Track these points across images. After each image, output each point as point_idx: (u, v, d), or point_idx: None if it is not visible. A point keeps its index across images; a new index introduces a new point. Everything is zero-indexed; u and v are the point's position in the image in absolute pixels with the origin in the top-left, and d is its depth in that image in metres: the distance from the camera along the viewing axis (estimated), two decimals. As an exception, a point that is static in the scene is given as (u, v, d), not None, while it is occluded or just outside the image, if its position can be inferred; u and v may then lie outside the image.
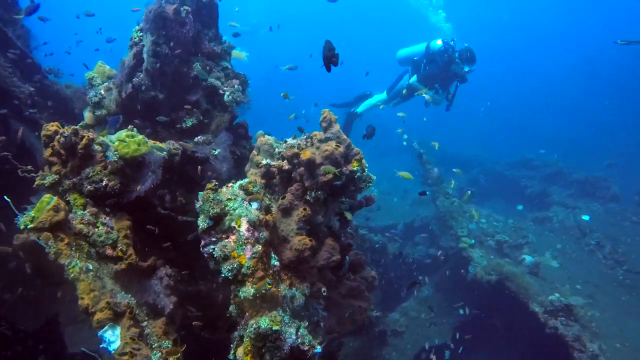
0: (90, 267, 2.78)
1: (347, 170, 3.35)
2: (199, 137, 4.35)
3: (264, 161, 3.54)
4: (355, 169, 3.38)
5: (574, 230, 10.31)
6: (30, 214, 2.74)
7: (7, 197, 2.93)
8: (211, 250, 2.77)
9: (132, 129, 3.43)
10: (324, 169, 3.18)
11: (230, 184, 3.19)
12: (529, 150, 16.14)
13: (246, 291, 2.65)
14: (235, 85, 4.48)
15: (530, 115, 32.68)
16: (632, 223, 10.75)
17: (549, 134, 25.03)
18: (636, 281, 8.26)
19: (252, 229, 2.81)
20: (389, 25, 42.20)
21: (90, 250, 2.92)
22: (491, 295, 7.28)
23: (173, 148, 3.66)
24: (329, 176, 3.19)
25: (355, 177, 3.41)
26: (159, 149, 3.46)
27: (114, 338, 2.55)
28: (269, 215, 3.11)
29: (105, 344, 2.54)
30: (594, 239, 9.72)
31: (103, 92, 4.29)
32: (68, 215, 2.89)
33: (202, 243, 2.84)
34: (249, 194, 3.17)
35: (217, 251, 2.72)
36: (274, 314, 2.68)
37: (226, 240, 2.77)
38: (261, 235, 2.84)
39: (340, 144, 3.36)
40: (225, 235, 2.80)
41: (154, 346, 2.77)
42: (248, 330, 2.61)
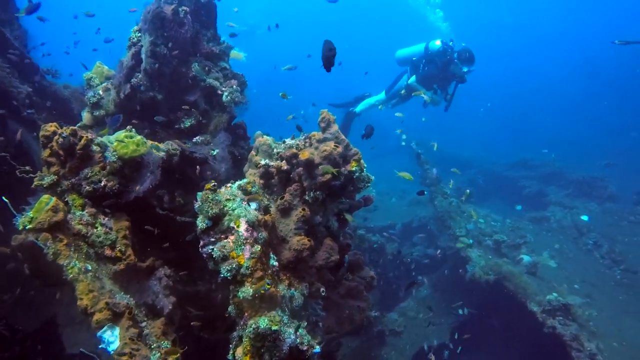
0: (89, 268, 2.78)
1: (346, 171, 3.36)
2: (197, 138, 4.35)
3: (263, 161, 3.54)
4: (353, 169, 3.38)
5: (571, 230, 10.35)
6: (29, 215, 2.73)
7: (5, 198, 2.93)
8: (210, 251, 2.77)
9: (131, 129, 3.43)
10: (322, 168, 3.19)
11: (229, 185, 3.19)
12: (529, 150, 16.19)
13: (245, 291, 2.65)
14: (233, 86, 4.48)
15: (529, 115, 32.64)
16: (630, 223, 10.79)
17: (548, 134, 25.01)
18: (633, 280, 8.29)
19: (251, 229, 2.82)
20: (386, 25, 42.23)
21: (89, 250, 2.92)
22: (489, 295, 7.29)
23: (172, 148, 3.67)
24: (327, 176, 3.19)
25: (353, 178, 3.41)
26: (157, 149, 3.46)
27: (113, 338, 2.55)
28: (267, 216, 3.11)
29: (104, 345, 2.53)
30: (592, 238, 9.76)
31: (101, 93, 4.29)
32: (67, 215, 2.88)
33: (201, 243, 2.84)
34: (247, 194, 3.17)
35: (216, 251, 2.72)
36: (273, 314, 2.68)
37: (225, 240, 2.77)
38: (260, 236, 2.84)
39: (339, 144, 3.36)
40: (224, 235, 2.80)
41: (153, 346, 2.77)
42: (247, 330, 2.61)
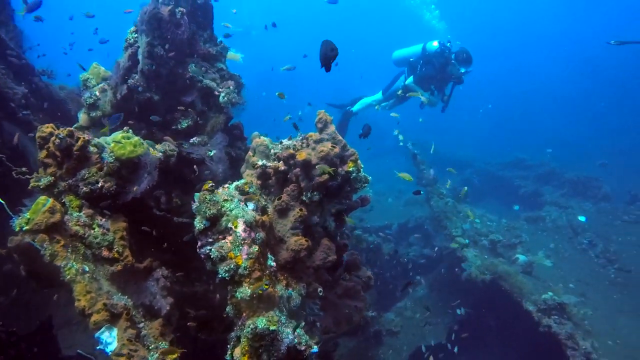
0: (87, 269, 2.78)
1: (343, 171, 3.37)
2: (194, 139, 4.35)
3: (260, 162, 3.54)
4: (350, 169, 3.39)
5: (566, 230, 10.40)
6: (26, 216, 2.73)
7: (1, 199, 2.92)
8: (208, 251, 2.77)
9: (128, 130, 3.43)
10: (320, 167, 3.20)
11: (226, 185, 3.19)
12: (529, 150, 16.23)
13: (243, 292, 2.65)
14: (230, 87, 4.48)
15: (528, 115, 32.58)
16: (623, 222, 10.85)
17: (548, 134, 25.03)
18: (627, 279, 8.34)
19: (249, 229, 2.82)
20: (383, 25, 42.16)
21: (87, 251, 2.92)
22: (485, 294, 7.32)
23: (169, 149, 3.67)
24: (324, 177, 3.20)
25: (350, 178, 3.43)
26: (153, 147, 3.46)
27: (110, 339, 2.55)
28: (265, 216, 3.11)
29: (102, 346, 2.53)
30: (586, 238, 9.81)
31: (98, 94, 4.27)
32: (64, 217, 2.88)
33: (199, 244, 2.84)
34: (245, 194, 3.17)
35: (214, 252, 2.72)
36: (271, 314, 2.68)
37: (223, 241, 2.77)
38: (258, 236, 2.85)
39: (336, 144, 3.38)
40: (222, 236, 2.80)
41: (150, 347, 2.77)
42: (245, 331, 2.62)
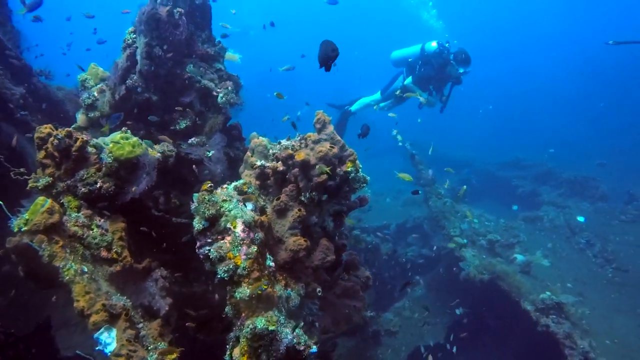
0: (85, 270, 2.78)
1: (342, 171, 3.37)
2: (192, 139, 4.35)
3: (259, 162, 3.54)
4: (349, 169, 3.40)
5: (564, 229, 10.44)
6: (24, 217, 2.73)
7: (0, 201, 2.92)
8: (207, 252, 2.77)
9: (126, 130, 3.43)
10: (318, 167, 3.20)
11: (225, 186, 3.19)
12: (529, 151, 16.27)
13: (242, 292, 2.65)
14: (228, 87, 4.49)
15: (527, 115, 32.55)
16: (621, 222, 10.90)
17: (547, 134, 25.07)
18: (625, 279, 8.38)
19: (248, 230, 2.82)
20: (381, 25, 42.03)
21: (85, 252, 2.91)
22: (484, 294, 7.34)
23: (167, 150, 3.67)
24: (323, 177, 3.21)
25: (349, 178, 3.44)
26: (151, 146, 3.46)
27: (110, 340, 2.55)
28: (264, 216, 3.11)
29: (101, 346, 2.53)
30: (584, 237, 9.85)
31: (96, 94, 4.27)
32: (62, 217, 2.88)
33: (198, 244, 2.84)
34: (244, 195, 3.18)
35: (213, 252, 2.72)
36: (270, 314, 2.68)
37: (222, 241, 2.77)
38: (256, 236, 2.85)
39: (335, 145, 3.38)
40: (220, 236, 2.80)
41: (149, 348, 2.77)
42: (244, 331, 2.62)
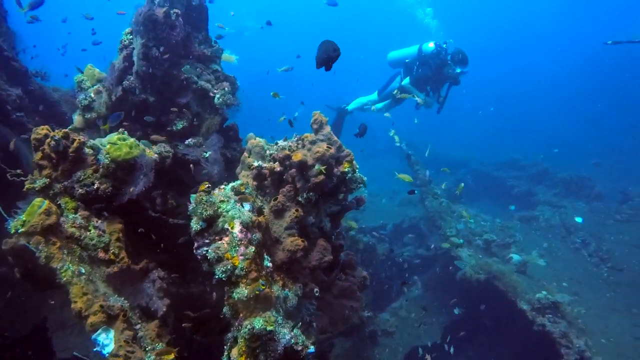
0: (83, 271, 2.77)
1: (339, 172, 3.39)
2: (189, 140, 4.35)
3: (256, 163, 3.55)
4: (346, 170, 3.41)
5: (559, 229, 10.51)
6: (21, 218, 2.72)
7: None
8: (204, 252, 2.77)
9: (123, 132, 3.43)
10: (316, 168, 3.22)
11: (222, 186, 3.19)
12: (529, 151, 16.33)
13: (240, 292, 2.66)
14: (225, 88, 4.49)
15: (527, 116, 32.53)
16: (616, 221, 10.99)
17: (548, 135, 25.10)
18: (620, 278, 8.44)
19: (245, 230, 2.83)
20: (377, 25, 42.00)
21: (82, 253, 2.91)
22: (480, 294, 7.37)
23: (164, 151, 3.67)
24: (320, 177, 3.22)
25: (346, 179, 3.45)
26: (149, 147, 3.46)
27: (107, 341, 2.55)
28: (261, 217, 3.12)
29: (98, 347, 2.53)
30: (579, 237, 9.92)
31: (93, 95, 4.26)
32: (59, 218, 2.87)
33: (196, 245, 2.85)
34: (241, 195, 3.18)
35: (211, 253, 2.72)
36: (267, 314, 2.69)
37: (219, 242, 2.77)
38: (254, 237, 2.86)
39: (332, 145, 3.39)
40: (218, 237, 2.81)
41: (147, 349, 2.77)
42: (242, 331, 2.62)
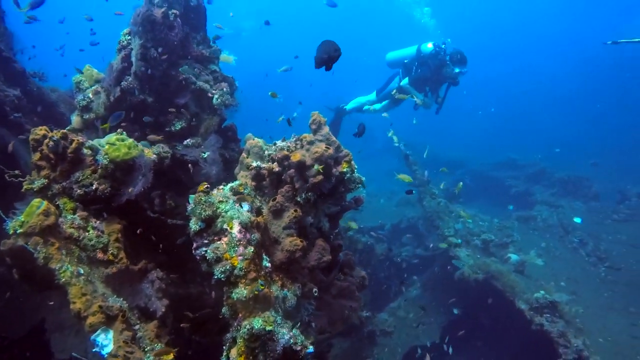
0: (82, 272, 2.77)
1: (337, 172, 3.39)
2: (188, 140, 4.35)
3: (254, 163, 3.55)
4: (344, 170, 3.42)
5: (557, 229, 10.54)
6: (20, 219, 2.72)
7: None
8: (203, 253, 2.77)
9: (122, 132, 3.43)
10: (314, 168, 3.22)
11: (221, 187, 3.20)
12: (528, 152, 16.37)
13: (239, 292, 2.66)
14: (224, 88, 4.49)
15: (527, 116, 32.59)
16: (613, 221, 11.03)
17: (547, 135, 25.14)
18: (617, 277, 8.47)
19: (244, 230, 2.83)
20: (374, 25, 41.84)
21: (81, 254, 2.91)
22: (478, 293, 7.38)
23: (163, 151, 3.67)
24: (319, 177, 3.22)
25: (344, 179, 3.46)
26: (148, 147, 3.46)
27: (106, 342, 2.55)
28: (260, 217, 3.12)
29: (97, 348, 2.53)
30: (577, 237, 9.95)
31: (91, 96, 4.26)
32: (58, 219, 2.87)
33: (194, 245, 2.85)
34: (240, 196, 3.18)
35: (210, 253, 2.73)
36: (267, 314, 2.69)
37: (218, 242, 2.78)
38: (253, 237, 2.86)
39: (330, 145, 3.40)
40: (217, 237, 2.81)
41: (146, 349, 2.77)
42: (241, 332, 2.62)
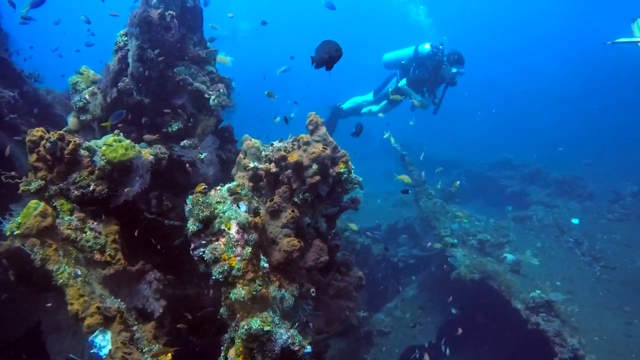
0: (79, 273, 2.77)
1: (334, 172, 3.41)
2: (185, 141, 4.34)
3: (252, 164, 3.56)
4: (341, 170, 3.44)
5: (552, 229, 10.59)
6: (17, 220, 2.71)
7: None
8: (201, 253, 2.78)
9: (119, 133, 3.42)
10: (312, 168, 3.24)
11: (218, 187, 3.20)
12: (528, 152, 16.43)
13: (237, 293, 2.66)
14: (220, 89, 4.49)
15: (526, 116, 32.45)
16: (608, 220, 11.11)
17: (546, 135, 25.17)
18: (612, 276, 8.53)
19: (242, 231, 2.84)
20: (371, 24, 41.69)
21: (79, 255, 2.91)
22: (475, 293, 7.41)
23: (160, 152, 3.67)
24: (316, 178, 3.24)
25: (341, 179, 3.47)
26: (146, 147, 3.46)
27: (104, 343, 2.54)
28: (258, 218, 3.13)
29: (95, 349, 2.52)
30: (572, 236, 10.01)
31: (88, 97, 4.25)
32: (55, 220, 2.87)
33: (192, 246, 2.85)
34: (237, 197, 3.19)
35: (207, 254, 2.73)
36: (264, 314, 2.70)
37: (216, 242, 2.78)
38: (251, 238, 2.87)
39: (327, 146, 3.41)
40: (215, 238, 2.81)
41: (144, 350, 2.77)
42: (239, 332, 2.63)
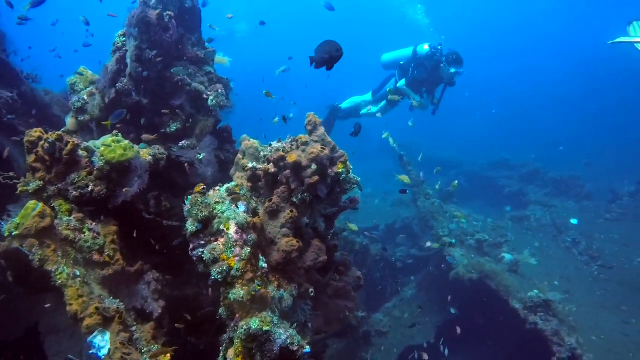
0: (78, 273, 2.77)
1: (333, 173, 3.41)
2: (183, 142, 4.34)
3: (250, 164, 3.57)
4: (340, 171, 3.44)
5: (550, 228, 10.62)
6: (15, 221, 2.71)
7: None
8: (200, 254, 2.78)
9: (117, 134, 3.42)
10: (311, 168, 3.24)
11: (217, 188, 3.21)
12: (527, 152, 16.47)
13: (236, 293, 2.67)
14: (219, 90, 4.49)
15: (525, 116, 32.57)
16: (605, 220, 11.14)
17: (546, 135, 25.20)
18: (610, 276, 8.55)
19: (241, 231, 2.84)
20: (367, 23, 41.68)
21: (77, 256, 2.90)
22: (473, 293, 7.43)
23: (158, 153, 3.67)
24: (315, 178, 3.24)
25: (340, 179, 3.48)
26: (146, 147, 3.47)
27: (103, 343, 2.55)
28: (256, 218, 3.13)
29: (94, 350, 2.52)
30: (570, 236, 10.03)
31: (86, 98, 4.24)
32: (54, 221, 2.87)
33: (191, 246, 2.85)
34: (236, 197, 3.19)
35: (206, 254, 2.74)
36: (263, 314, 2.71)
37: (215, 243, 2.79)
38: (249, 238, 2.87)
39: (326, 146, 3.42)
40: (214, 238, 2.82)
41: (143, 350, 2.78)
42: (239, 332, 2.63)
